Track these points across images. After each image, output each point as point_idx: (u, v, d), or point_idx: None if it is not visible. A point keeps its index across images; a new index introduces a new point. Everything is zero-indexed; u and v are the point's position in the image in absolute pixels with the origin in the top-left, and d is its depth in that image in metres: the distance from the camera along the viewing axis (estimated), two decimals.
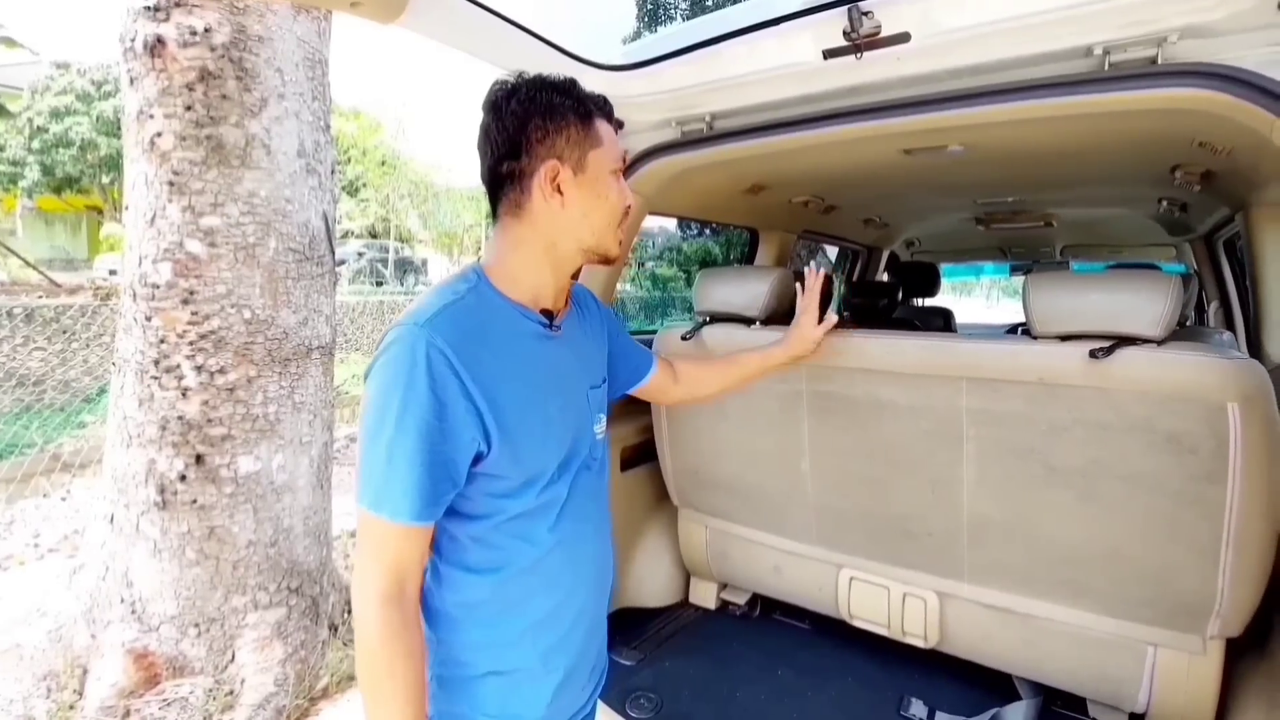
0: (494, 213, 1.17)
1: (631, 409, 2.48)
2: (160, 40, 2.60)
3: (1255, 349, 2.49)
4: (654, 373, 1.59)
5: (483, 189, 1.18)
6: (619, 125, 1.22)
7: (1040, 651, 1.89)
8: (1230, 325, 3.30)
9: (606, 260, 1.20)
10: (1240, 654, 1.69)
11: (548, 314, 1.18)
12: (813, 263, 1.83)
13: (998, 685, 2.06)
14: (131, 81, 2.70)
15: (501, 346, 1.08)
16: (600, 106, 1.15)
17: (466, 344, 1.02)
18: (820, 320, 1.79)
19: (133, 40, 2.66)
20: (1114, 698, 1.83)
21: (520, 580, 1.14)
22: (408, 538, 1.02)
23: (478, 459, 1.05)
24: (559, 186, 1.10)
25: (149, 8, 2.61)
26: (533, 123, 1.08)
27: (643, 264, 19.58)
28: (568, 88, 1.11)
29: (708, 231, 18.40)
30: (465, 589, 1.12)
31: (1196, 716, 1.70)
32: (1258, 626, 1.60)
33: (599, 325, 1.40)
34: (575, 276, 1.26)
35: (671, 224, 18.79)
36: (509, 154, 1.10)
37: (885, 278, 5.18)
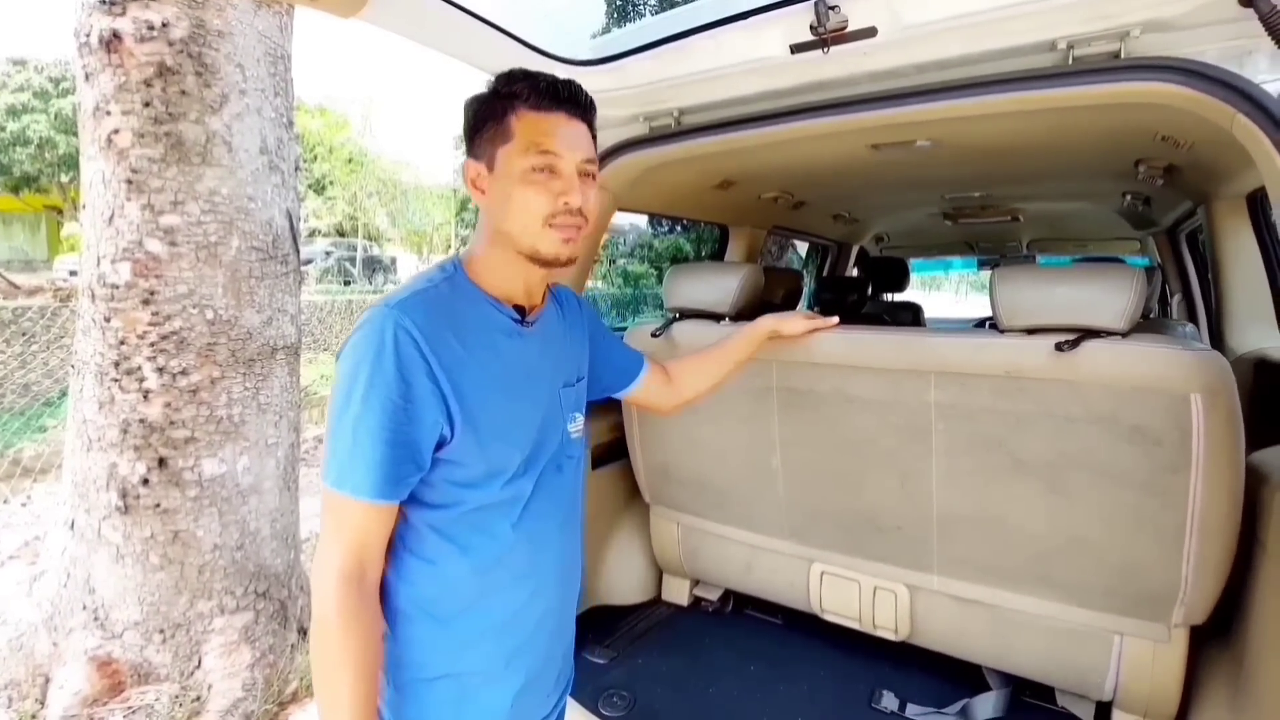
0: None
1: (602, 406, 2.46)
2: (116, 35, 2.54)
3: (1217, 340, 2.53)
4: (646, 374, 1.57)
5: (451, 186, 1.19)
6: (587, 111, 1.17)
7: (1009, 642, 1.91)
8: (1193, 317, 3.36)
9: (543, 262, 1.12)
10: (1204, 641, 1.71)
11: (520, 309, 1.17)
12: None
13: (968, 676, 2.07)
14: (87, 77, 2.63)
15: (470, 336, 1.08)
16: (537, 93, 1.09)
17: (435, 329, 1.03)
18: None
19: (88, 35, 2.59)
20: (1081, 686, 1.85)
21: (479, 577, 1.12)
22: (370, 516, 1.01)
23: (440, 444, 1.05)
24: (479, 185, 1.12)
25: (104, 1, 2.55)
26: (470, 124, 1.12)
27: (614, 261, 19.55)
28: (502, 81, 1.10)
29: (679, 228, 18.41)
30: (421, 582, 1.10)
31: (1162, 704, 1.73)
32: (1221, 614, 1.62)
33: (580, 325, 1.38)
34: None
35: (643, 221, 18.78)
36: (468, 152, 1.14)
37: (855, 273, 5.21)
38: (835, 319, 1.79)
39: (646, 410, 1.64)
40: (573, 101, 1.12)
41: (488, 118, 1.09)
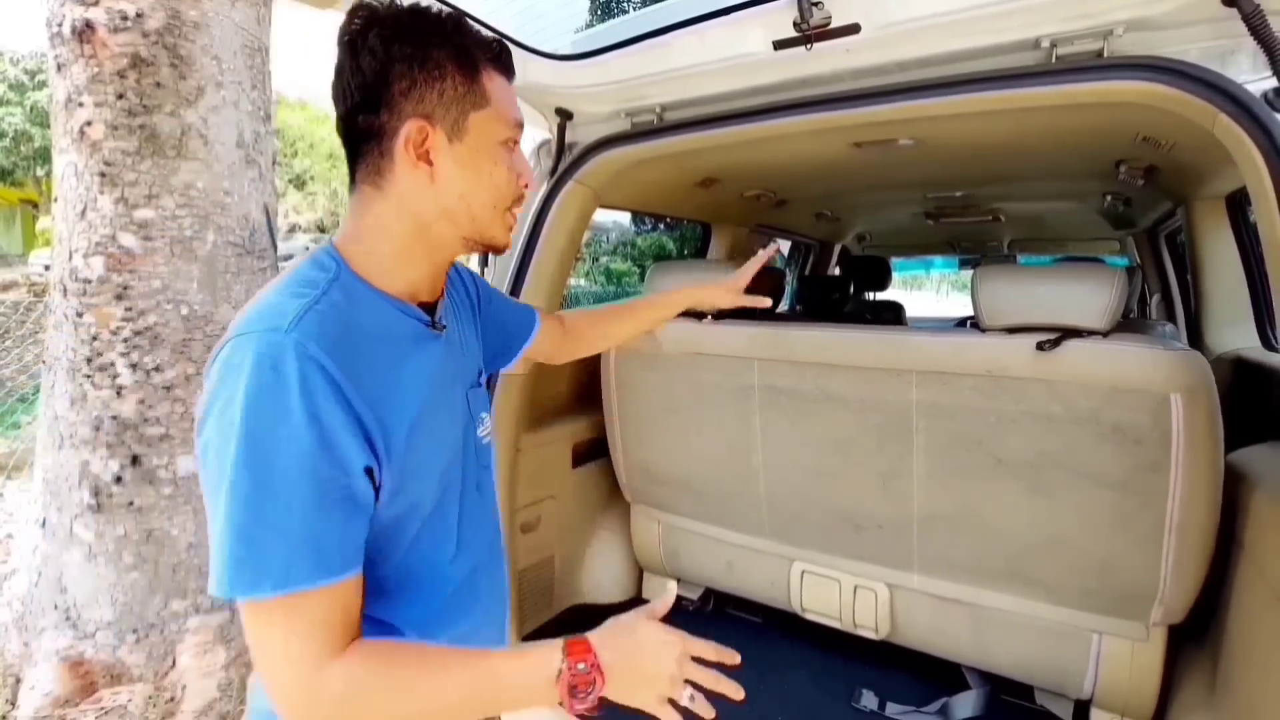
0: (351, 178, 0.92)
1: (584, 404, 2.45)
2: (89, 25, 2.48)
3: (1196, 340, 2.55)
4: (538, 328, 1.36)
5: None
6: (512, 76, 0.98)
7: (988, 641, 1.91)
8: (1172, 317, 3.39)
9: (493, 248, 0.97)
10: (1182, 640, 1.72)
11: (427, 308, 0.97)
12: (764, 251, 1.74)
13: (947, 675, 2.08)
14: (59, 68, 2.58)
15: (378, 354, 0.85)
16: (494, 55, 0.92)
17: (343, 352, 0.79)
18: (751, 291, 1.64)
19: (60, 25, 2.54)
20: (1060, 685, 1.86)
21: (420, 628, 0.93)
22: (335, 597, 0.76)
23: None
24: (428, 154, 0.87)
25: None
26: (396, 68, 0.84)
27: (596, 259, 19.52)
28: (448, 26, 0.87)
29: (662, 226, 18.40)
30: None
31: (1139, 702, 1.74)
32: (1199, 613, 1.64)
33: (467, 302, 1.16)
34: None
35: (626, 219, 18.74)
36: (364, 105, 0.86)
37: (837, 272, 5.22)
38: (768, 300, 1.66)
39: (533, 359, 1.43)
40: (513, 63, 0.97)
41: (449, 71, 0.86)
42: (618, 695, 0.83)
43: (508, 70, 0.94)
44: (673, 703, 0.86)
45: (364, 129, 0.87)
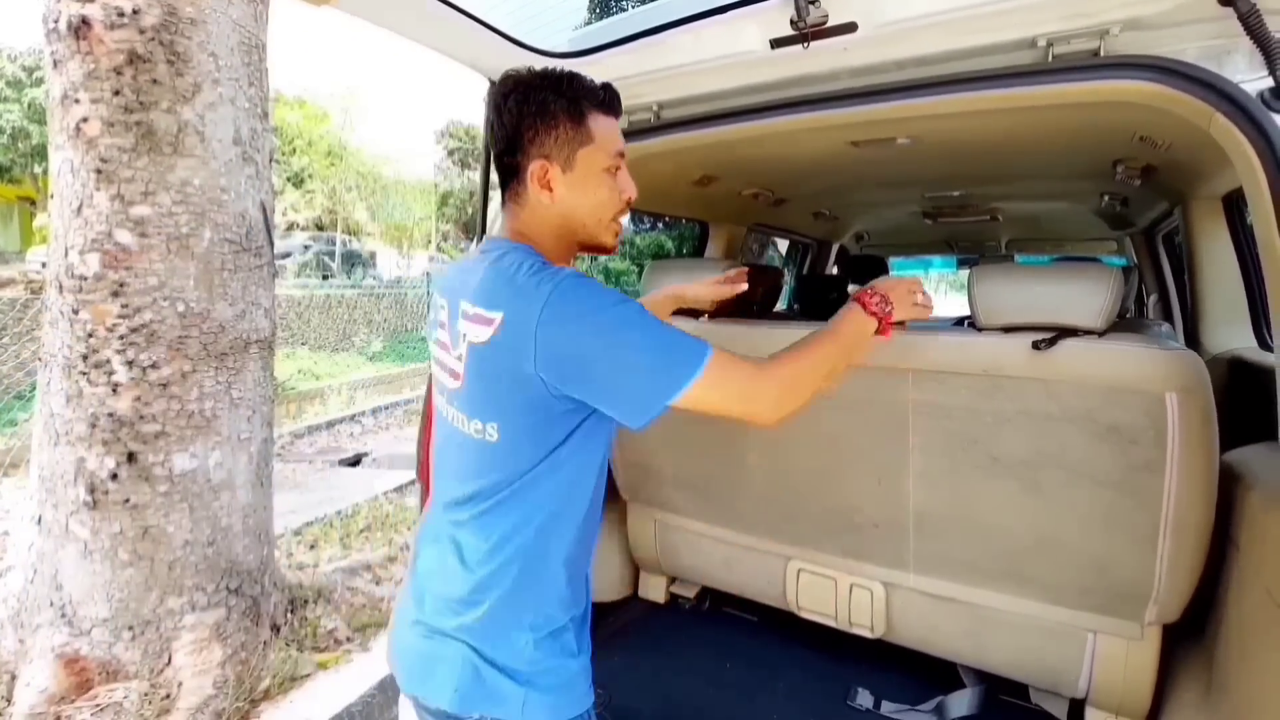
0: (502, 194, 1.25)
1: None
2: (85, 21, 2.48)
3: (1192, 340, 2.55)
4: None
5: (432, 181, 1.19)
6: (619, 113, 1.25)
7: (984, 640, 1.91)
8: (1169, 317, 3.39)
9: (602, 250, 1.27)
10: (1177, 640, 1.72)
11: None
12: (733, 271, 1.80)
13: (943, 674, 2.08)
14: (55, 64, 2.57)
15: None
16: (599, 101, 1.19)
17: None
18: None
19: (56, 21, 2.53)
20: (1055, 684, 1.86)
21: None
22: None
23: None
24: (549, 183, 1.15)
25: None
26: (525, 122, 1.14)
27: (594, 257, 19.50)
28: (563, 85, 1.15)
29: (660, 225, 18.40)
30: (570, 536, 1.18)
31: (1134, 701, 1.74)
32: (1193, 613, 1.63)
33: None
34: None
35: (624, 217, 18.73)
36: (507, 150, 1.17)
37: (835, 271, 5.22)
38: (744, 284, 1.78)
39: None
40: (620, 106, 1.25)
41: (561, 120, 1.14)
42: (898, 313, 1.31)
43: (612, 111, 1.22)
44: None
45: (507, 166, 1.19)
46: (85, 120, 2.52)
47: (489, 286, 1.10)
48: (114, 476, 2.61)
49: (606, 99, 1.20)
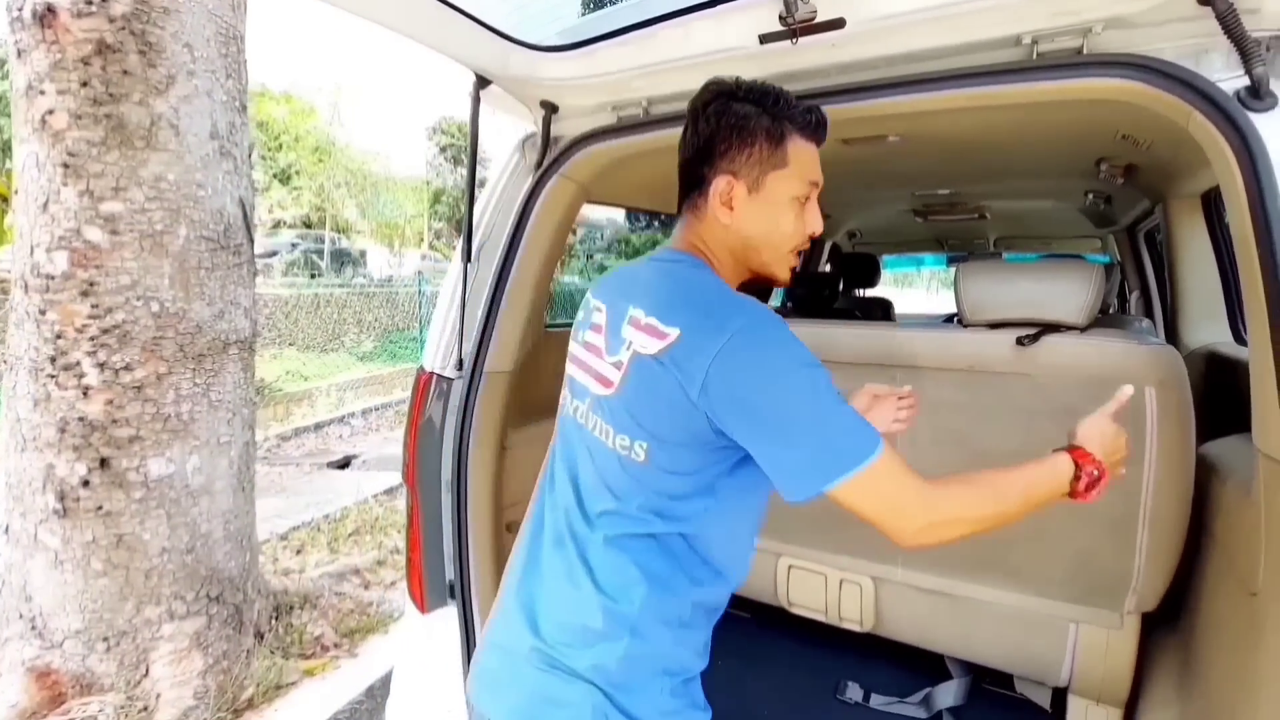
0: (680, 201, 1.19)
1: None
2: (51, 9, 2.41)
3: (1172, 335, 2.59)
4: None
5: (424, 178, 1.12)
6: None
7: (970, 631, 1.95)
8: (1150, 313, 3.44)
9: (774, 282, 1.19)
10: (1154, 628, 1.76)
11: None
12: None
13: (930, 666, 2.12)
14: (20, 54, 2.49)
15: None
16: (804, 125, 1.10)
17: None
18: None
19: (20, 9, 2.46)
20: (1039, 673, 1.90)
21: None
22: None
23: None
24: (731, 201, 1.09)
25: None
26: (720, 135, 1.08)
27: (590, 256, 19.47)
28: (769, 102, 1.08)
29: (656, 223, 18.38)
30: (710, 586, 1.14)
31: (1114, 688, 1.78)
32: (1170, 602, 1.68)
33: None
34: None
35: (620, 215, 18.71)
36: (697, 158, 1.12)
37: (827, 269, 5.25)
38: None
39: None
40: (826, 132, 1.15)
41: (760, 138, 1.07)
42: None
43: (816, 137, 1.13)
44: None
45: (694, 175, 1.13)
46: (51, 112, 2.45)
47: (666, 299, 1.03)
48: (85, 483, 2.54)
49: (814, 123, 1.11)
